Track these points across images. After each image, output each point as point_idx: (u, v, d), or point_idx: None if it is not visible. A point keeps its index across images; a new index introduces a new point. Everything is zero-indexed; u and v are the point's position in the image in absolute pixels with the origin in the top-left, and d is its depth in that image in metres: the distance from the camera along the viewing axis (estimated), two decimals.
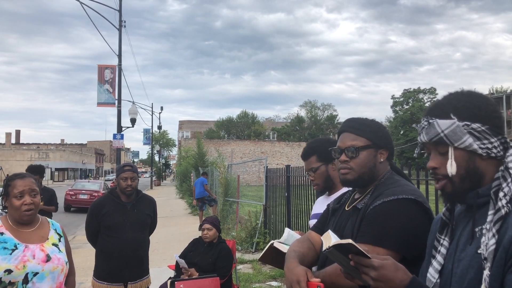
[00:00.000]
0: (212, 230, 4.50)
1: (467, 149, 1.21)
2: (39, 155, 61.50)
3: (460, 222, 1.29)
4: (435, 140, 1.25)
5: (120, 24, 19.27)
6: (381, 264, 1.19)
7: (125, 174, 3.68)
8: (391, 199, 1.58)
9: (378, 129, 1.76)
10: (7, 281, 2.19)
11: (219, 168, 14.07)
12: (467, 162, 1.22)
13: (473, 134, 1.21)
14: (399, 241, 1.52)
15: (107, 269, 3.68)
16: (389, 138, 1.78)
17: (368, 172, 1.72)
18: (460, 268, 1.19)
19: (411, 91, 64.39)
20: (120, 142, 19.51)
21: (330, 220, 1.87)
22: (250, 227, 9.85)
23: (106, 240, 3.71)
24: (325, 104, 68.94)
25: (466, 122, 1.21)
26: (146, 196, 3.98)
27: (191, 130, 66.13)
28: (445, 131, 1.23)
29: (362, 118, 1.83)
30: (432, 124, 1.25)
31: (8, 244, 2.26)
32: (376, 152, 1.73)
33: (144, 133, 46.83)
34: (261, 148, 49.37)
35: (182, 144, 48.80)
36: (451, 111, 1.24)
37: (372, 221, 1.58)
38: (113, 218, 3.69)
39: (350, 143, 1.74)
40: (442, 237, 1.31)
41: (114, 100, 19.70)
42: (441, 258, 1.28)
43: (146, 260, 3.89)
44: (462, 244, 1.23)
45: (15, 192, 2.32)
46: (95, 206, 3.81)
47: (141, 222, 3.78)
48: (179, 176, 28.90)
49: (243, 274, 7.05)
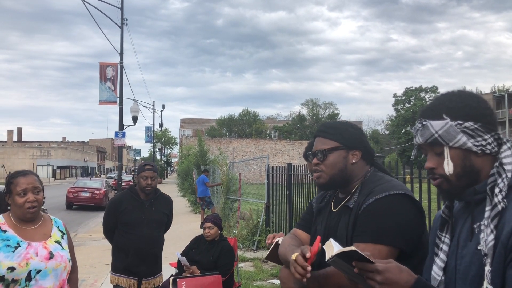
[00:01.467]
0: (214, 229, 4.51)
1: (462, 147, 1.23)
2: (41, 152, 61.60)
3: (460, 219, 1.31)
4: (430, 141, 1.27)
5: (122, 22, 19.26)
6: (386, 267, 1.20)
7: (145, 173, 3.71)
8: (384, 196, 1.61)
9: (346, 131, 1.79)
10: (10, 278, 2.19)
11: (221, 166, 14.08)
12: (463, 160, 1.24)
13: (466, 133, 1.23)
14: (398, 237, 1.55)
15: (124, 264, 3.74)
16: (360, 138, 1.80)
17: (338, 173, 1.77)
18: (463, 265, 1.21)
19: (413, 89, 64.27)
20: (122, 140, 19.51)
21: (316, 220, 1.88)
22: (251, 225, 9.86)
23: (123, 237, 3.76)
24: (326, 103, 68.99)
25: (459, 122, 1.24)
26: (163, 195, 4.02)
27: (193, 128, 66.13)
28: (439, 132, 1.25)
29: (333, 121, 1.88)
30: (426, 125, 1.28)
31: (11, 241, 2.27)
32: (347, 153, 1.77)
33: (145, 131, 46.88)
34: (262, 146, 49.37)
35: (184, 142, 48.81)
36: (443, 112, 1.26)
37: (368, 219, 1.59)
38: (131, 215, 3.73)
39: (320, 147, 1.80)
40: (443, 234, 1.33)
41: (116, 98, 19.69)
42: (443, 256, 1.30)
43: (160, 258, 3.94)
44: (462, 240, 1.25)
45: (18, 190, 2.31)
46: (113, 202, 3.88)
47: (158, 220, 3.82)
48: (181, 174, 28.92)
49: (244, 272, 7.06)
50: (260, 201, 10.99)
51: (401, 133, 62.94)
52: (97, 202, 19.63)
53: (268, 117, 74.53)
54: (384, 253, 1.53)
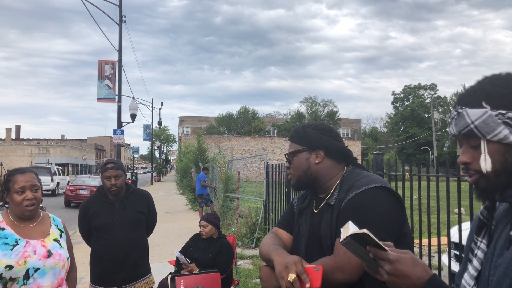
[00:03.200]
0: (208, 227, 4.51)
1: (503, 141, 1.06)
2: (39, 150, 61.48)
3: (500, 223, 1.15)
4: (465, 132, 1.10)
5: (120, 19, 19.22)
6: (398, 257, 1.10)
7: (107, 173, 3.41)
8: (363, 190, 1.63)
9: (305, 133, 1.86)
10: (8, 277, 2.18)
11: (220, 164, 14.08)
12: (503, 156, 1.07)
13: (509, 124, 1.05)
14: (380, 229, 1.55)
15: (98, 273, 3.48)
16: (320, 138, 1.82)
17: (303, 174, 1.83)
18: (496, 276, 1.06)
19: (412, 87, 64.35)
20: (120, 138, 19.51)
21: (298, 220, 1.90)
22: (250, 223, 9.86)
23: (96, 242, 3.50)
24: (325, 100, 68.94)
25: (501, 111, 1.05)
26: (138, 191, 3.68)
27: (191, 126, 66.12)
28: (475, 122, 1.07)
29: (299, 126, 1.95)
30: (462, 114, 1.10)
31: (9, 239, 2.26)
32: (310, 154, 1.82)
33: (144, 129, 46.84)
34: (261, 144, 49.39)
35: (182, 140, 48.79)
36: (483, 99, 1.08)
37: (350, 214, 1.61)
38: (101, 218, 3.46)
39: (288, 151, 1.90)
40: (479, 239, 1.17)
41: (114, 96, 19.67)
42: (477, 263, 1.15)
43: (144, 261, 3.60)
44: (499, 248, 1.10)
45: (16, 188, 2.31)
46: (82, 207, 3.59)
47: (132, 221, 3.49)
48: (180, 172, 28.92)
49: (243, 269, 7.07)
50: (259, 198, 10.98)
51: (400, 131, 63.02)
52: None
53: (266, 115, 74.54)
54: None
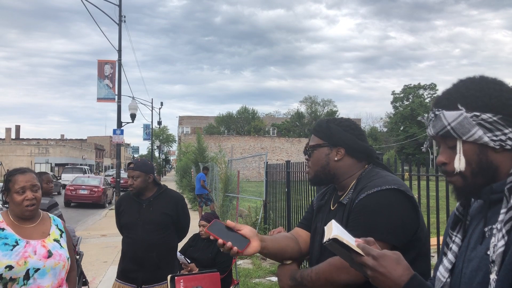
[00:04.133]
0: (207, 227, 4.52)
1: (477, 142, 1.11)
2: (39, 150, 61.44)
3: (475, 218, 1.20)
4: (442, 134, 1.16)
5: (120, 19, 19.22)
6: (382, 254, 1.13)
7: (128, 173, 3.50)
8: (375, 191, 1.60)
9: (328, 128, 1.80)
10: (8, 277, 2.19)
11: (219, 163, 14.08)
12: (479, 156, 1.12)
13: (483, 126, 1.10)
14: (388, 231, 1.55)
15: (121, 269, 3.57)
16: (343, 136, 1.78)
17: (321, 170, 1.79)
18: (470, 269, 1.11)
19: (411, 87, 64.33)
20: (120, 138, 19.51)
21: (316, 217, 1.90)
22: (250, 223, 9.87)
23: (123, 240, 3.61)
24: (325, 100, 68.97)
25: (475, 113, 1.10)
26: (169, 193, 3.63)
27: (191, 126, 66.07)
28: (451, 124, 1.13)
29: (323, 119, 1.90)
30: (439, 116, 1.16)
31: (9, 240, 2.26)
32: (330, 150, 1.78)
33: (144, 129, 46.86)
34: (261, 143, 49.36)
35: (182, 139, 48.76)
36: (458, 101, 1.13)
37: (359, 215, 1.60)
38: (127, 216, 3.53)
39: (309, 144, 1.85)
40: (454, 234, 1.22)
41: (114, 96, 19.69)
42: (452, 256, 1.20)
43: (166, 264, 3.53)
44: (473, 242, 1.15)
45: (17, 188, 2.31)
46: (116, 203, 3.74)
47: (156, 222, 3.46)
48: (179, 171, 28.92)
49: (243, 269, 7.08)
50: (258, 198, 10.99)
51: (399, 130, 63.02)
52: (96, 199, 19.62)
53: (266, 115, 74.47)
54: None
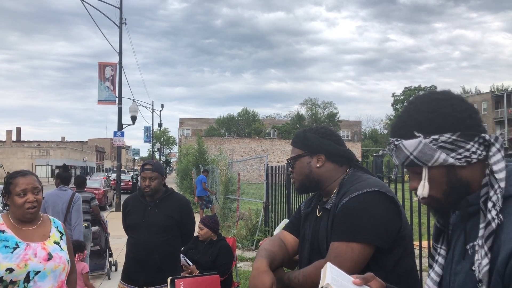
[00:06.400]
0: (203, 230, 4.53)
1: (444, 164, 1.08)
2: (40, 152, 61.49)
3: (457, 228, 1.17)
4: (407, 164, 1.13)
5: (121, 22, 19.25)
6: None
7: (144, 174, 3.43)
8: (356, 194, 1.63)
9: (305, 137, 1.86)
10: (9, 280, 2.18)
11: (220, 166, 14.08)
12: (448, 177, 1.09)
13: (445, 148, 1.07)
14: (372, 234, 1.56)
15: (124, 269, 3.61)
16: (321, 142, 1.82)
17: (305, 178, 1.84)
18: (457, 283, 1.08)
19: (412, 89, 64.41)
20: (121, 140, 19.52)
21: (304, 224, 1.92)
22: (250, 225, 9.86)
23: (128, 240, 3.63)
24: (325, 102, 68.93)
25: (434, 137, 1.08)
26: (175, 196, 3.62)
27: (192, 128, 66.07)
28: (413, 153, 1.10)
29: (300, 130, 1.95)
30: (399, 146, 1.13)
31: (9, 242, 2.26)
32: (311, 158, 1.83)
33: (144, 131, 46.81)
34: (261, 146, 49.35)
35: (183, 141, 48.75)
36: (414, 128, 1.10)
37: (343, 218, 1.62)
38: (133, 217, 3.54)
39: (291, 156, 1.90)
40: (439, 246, 1.20)
41: (115, 98, 19.70)
42: (439, 269, 1.18)
43: (169, 267, 3.50)
44: (457, 255, 1.12)
45: (18, 190, 2.31)
46: (123, 204, 3.77)
47: (160, 225, 3.44)
48: (180, 174, 28.93)
49: (243, 271, 7.07)
50: (259, 200, 10.98)
51: None
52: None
53: (267, 117, 74.47)
54: (358, 250, 1.56)
